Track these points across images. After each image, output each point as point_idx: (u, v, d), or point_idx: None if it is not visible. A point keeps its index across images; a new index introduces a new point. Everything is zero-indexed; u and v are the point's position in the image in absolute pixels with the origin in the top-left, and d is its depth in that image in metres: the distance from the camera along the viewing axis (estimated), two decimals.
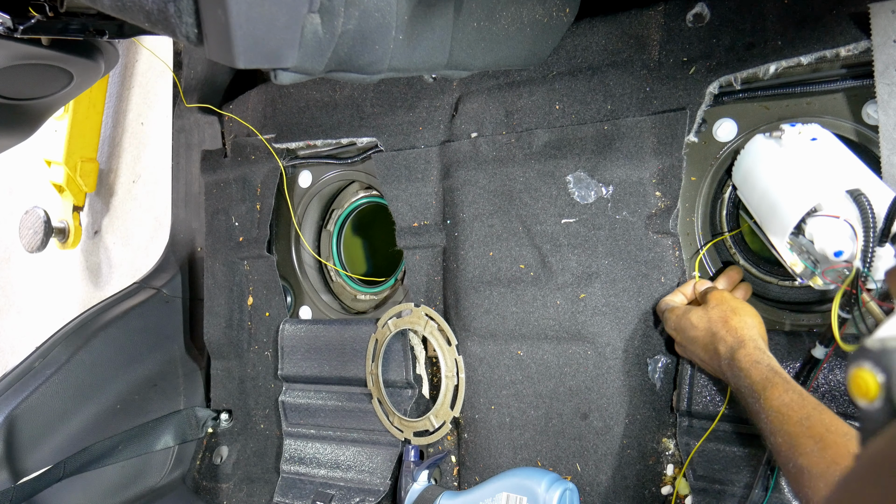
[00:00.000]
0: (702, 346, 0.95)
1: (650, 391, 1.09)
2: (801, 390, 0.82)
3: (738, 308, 0.95)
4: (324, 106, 1.48)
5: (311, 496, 1.43)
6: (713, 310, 0.95)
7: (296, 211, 1.59)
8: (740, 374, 0.88)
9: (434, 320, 1.30)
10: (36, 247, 2.49)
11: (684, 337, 0.99)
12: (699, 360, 0.99)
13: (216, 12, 0.60)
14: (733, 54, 1.05)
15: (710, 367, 0.97)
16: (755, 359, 0.87)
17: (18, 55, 1.09)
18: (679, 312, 1.00)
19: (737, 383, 0.89)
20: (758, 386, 0.85)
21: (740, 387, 0.88)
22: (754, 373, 0.86)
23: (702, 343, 0.95)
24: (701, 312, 0.96)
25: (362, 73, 0.81)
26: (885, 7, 0.92)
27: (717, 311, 0.95)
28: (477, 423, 1.25)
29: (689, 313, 0.98)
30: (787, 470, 0.79)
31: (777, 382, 0.83)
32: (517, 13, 0.97)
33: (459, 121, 1.29)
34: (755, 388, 0.85)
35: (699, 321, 0.96)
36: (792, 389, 0.82)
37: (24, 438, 1.36)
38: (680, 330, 0.99)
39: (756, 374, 0.86)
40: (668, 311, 1.03)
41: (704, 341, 0.95)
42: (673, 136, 1.08)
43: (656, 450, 1.10)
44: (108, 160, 2.76)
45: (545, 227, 1.17)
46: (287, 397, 1.51)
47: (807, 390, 0.85)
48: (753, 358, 0.87)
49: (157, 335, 1.64)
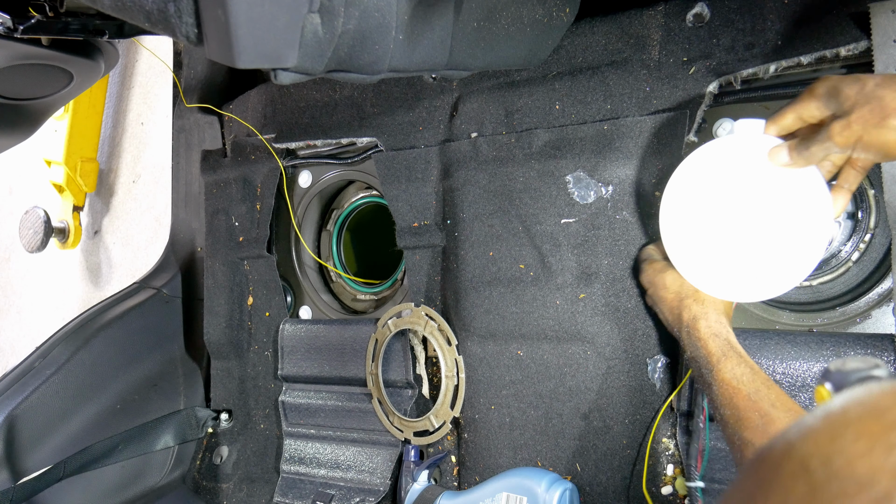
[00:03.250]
0: (668, 307, 0.98)
1: (650, 391, 1.09)
2: (753, 365, 0.85)
3: None
4: (324, 106, 1.48)
5: (311, 496, 1.43)
6: None
7: (296, 211, 1.59)
8: (698, 343, 0.90)
9: (434, 320, 1.30)
10: (36, 247, 2.49)
11: (655, 293, 1.02)
12: (662, 317, 1.02)
13: (216, 12, 0.60)
14: (733, 54, 1.05)
15: (670, 327, 1.00)
16: (714, 331, 0.90)
17: (18, 55, 1.09)
18: (658, 268, 1.02)
19: (693, 352, 0.91)
20: (713, 357, 0.87)
21: (696, 356, 0.90)
22: (711, 344, 0.88)
23: (668, 304, 0.98)
24: (676, 275, 0.98)
25: (362, 73, 0.81)
26: (885, 7, 0.92)
27: None
28: (477, 423, 1.25)
29: (665, 273, 1.00)
30: (733, 443, 0.81)
31: (731, 356, 0.86)
32: (517, 13, 0.97)
33: (459, 121, 1.29)
34: (710, 360, 0.87)
35: (672, 283, 0.98)
36: (745, 364, 0.84)
37: (24, 438, 1.36)
38: (652, 285, 1.02)
39: (713, 346, 0.88)
40: (646, 263, 1.05)
41: (672, 304, 0.97)
42: (673, 136, 1.08)
43: (656, 450, 1.10)
44: (108, 160, 2.76)
45: (545, 227, 1.17)
46: (287, 397, 1.51)
47: None
48: (713, 330, 0.90)
49: (157, 335, 1.64)
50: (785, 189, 0.85)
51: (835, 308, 1.02)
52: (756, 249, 0.88)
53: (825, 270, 1.04)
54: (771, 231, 0.86)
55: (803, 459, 0.29)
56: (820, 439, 0.29)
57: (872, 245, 1.01)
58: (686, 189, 0.93)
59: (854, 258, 1.02)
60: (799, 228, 0.85)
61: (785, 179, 0.85)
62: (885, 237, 1.00)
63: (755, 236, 0.87)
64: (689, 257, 0.93)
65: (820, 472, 0.27)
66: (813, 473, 0.28)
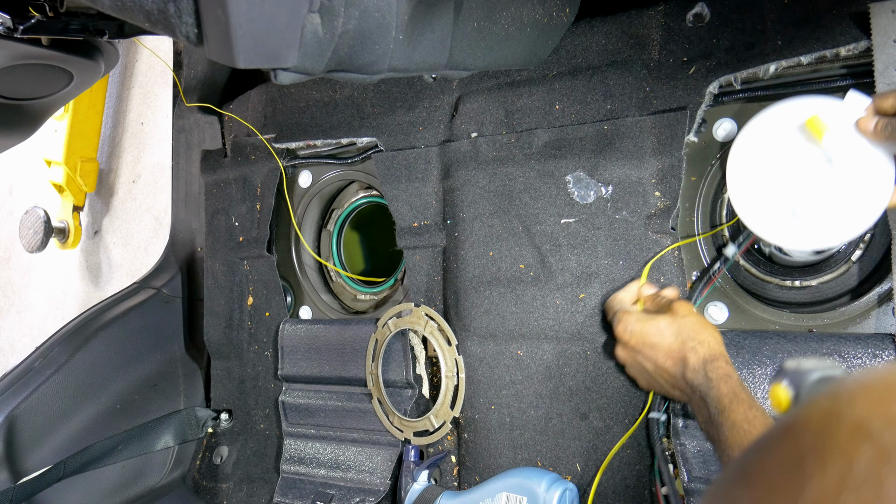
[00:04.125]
0: (665, 352, 0.95)
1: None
2: (763, 409, 0.85)
3: (707, 323, 0.97)
4: (324, 106, 1.48)
5: (311, 496, 1.43)
6: (684, 319, 0.96)
7: (296, 211, 1.59)
8: (710, 384, 0.89)
9: (434, 320, 1.30)
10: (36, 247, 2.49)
11: (642, 341, 0.98)
12: (652, 366, 0.98)
13: (216, 12, 0.60)
14: (733, 54, 1.05)
15: (664, 375, 0.97)
16: (726, 372, 0.89)
17: (18, 55, 1.09)
18: (641, 317, 0.99)
19: (704, 393, 0.90)
20: (724, 399, 0.86)
21: (707, 397, 0.89)
22: (723, 386, 0.88)
23: (666, 350, 0.95)
24: (670, 320, 0.96)
25: (362, 73, 0.81)
26: (886, 7, 0.92)
27: (690, 321, 0.96)
28: (477, 423, 1.25)
29: (656, 319, 0.97)
30: None
31: (743, 399, 0.85)
32: (517, 13, 0.97)
33: (459, 121, 1.29)
34: (721, 401, 0.86)
35: (668, 328, 0.96)
36: (756, 407, 0.85)
37: (24, 438, 1.36)
38: (639, 334, 0.98)
39: (725, 388, 0.87)
40: (622, 313, 1.02)
41: (671, 349, 0.95)
42: (673, 136, 1.08)
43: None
44: (108, 160, 2.77)
45: (545, 226, 1.17)
46: (287, 397, 1.51)
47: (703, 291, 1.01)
48: (724, 371, 0.90)
49: (157, 335, 1.64)
50: (858, 158, 0.87)
51: (835, 308, 1.02)
52: (814, 204, 0.89)
53: (825, 270, 1.04)
54: (833, 190, 0.88)
55: (859, 423, 0.28)
56: (872, 403, 0.28)
57: (872, 245, 1.01)
58: (764, 137, 0.94)
59: (854, 258, 1.02)
60: (858, 194, 0.87)
61: (862, 151, 0.87)
62: (885, 237, 1.00)
63: (818, 191, 0.89)
64: (753, 201, 0.94)
65: (887, 435, 0.27)
66: (878, 436, 0.27)
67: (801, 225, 0.90)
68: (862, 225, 0.87)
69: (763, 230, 0.94)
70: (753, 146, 0.95)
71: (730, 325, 1.08)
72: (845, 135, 0.87)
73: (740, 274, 1.10)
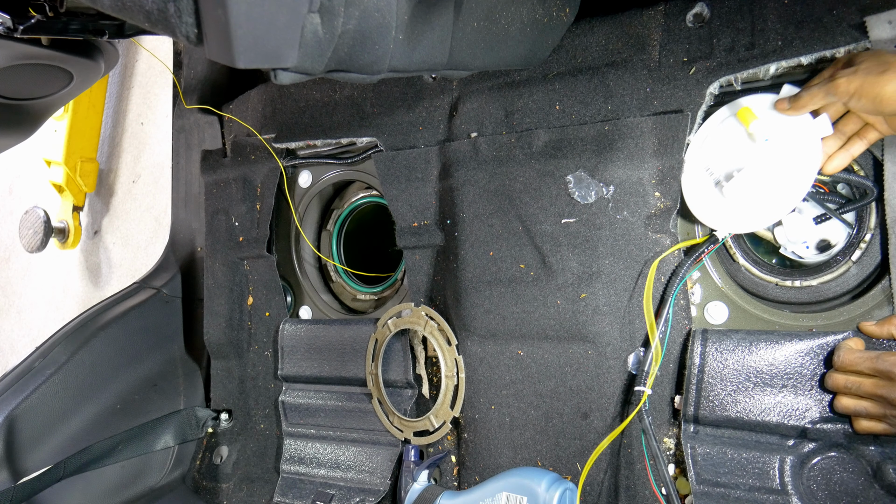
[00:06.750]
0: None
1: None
2: None
3: None
4: (324, 106, 1.48)
5: (311, 496, 1.43)
6: None
7: (296, 211, 1.59)
8: None
9: (434, 320, 1.30)
10: (36, 247, 2.49)
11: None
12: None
13: (216, 12, 0.60)
14: (733, 54, 1.05)
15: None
16: None
17: (18, 55, 1.09)
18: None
19: None
20: None
21: None
22: None
23: None
24: None
25: (362, 73, 0.81)
26: (881, 18, 0.93)
27: None
28: (477, 422, 1.25)
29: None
30: None
31: None
32: (517, 13, 0.97)
33: (459, 120, 1.29)
34: None
35: None
36: None
37: (24, 438, 1.36)
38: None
39: None
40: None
41: None
42: (673, 137, 1.08)
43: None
44: (108, 160, 2.77)
45: (545, 226, 1.17)
46: (287, 397, 1.51)
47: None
48: None
49: (157, 335, 1.64)
50: (783, 139, 1.00)
51: (835, 308, 1.02)
52: (754, 189, 1.01)
53: (825, 270, 1.04)
54: (763, 170, 1.00)
55: None
56: None
57: (872, 245, 1.01)
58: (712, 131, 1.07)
59: (854, 258, 1.02)
60: (787, 171, 0.99)
61: (787, 132, 0.99)
62: (885, 237, 1.00)
63: (750, 173, 1.01)
64: (697, 187, 1.07)
65: None
66: None
67: (734, 204, 1.02)
68: (794, 198, 0.98)
69: (703, 215, 1.06)
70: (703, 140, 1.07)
71: (730, 325, 1.08)
72: (771, 120, 1.00)
73: (740, 274, 1.10)
